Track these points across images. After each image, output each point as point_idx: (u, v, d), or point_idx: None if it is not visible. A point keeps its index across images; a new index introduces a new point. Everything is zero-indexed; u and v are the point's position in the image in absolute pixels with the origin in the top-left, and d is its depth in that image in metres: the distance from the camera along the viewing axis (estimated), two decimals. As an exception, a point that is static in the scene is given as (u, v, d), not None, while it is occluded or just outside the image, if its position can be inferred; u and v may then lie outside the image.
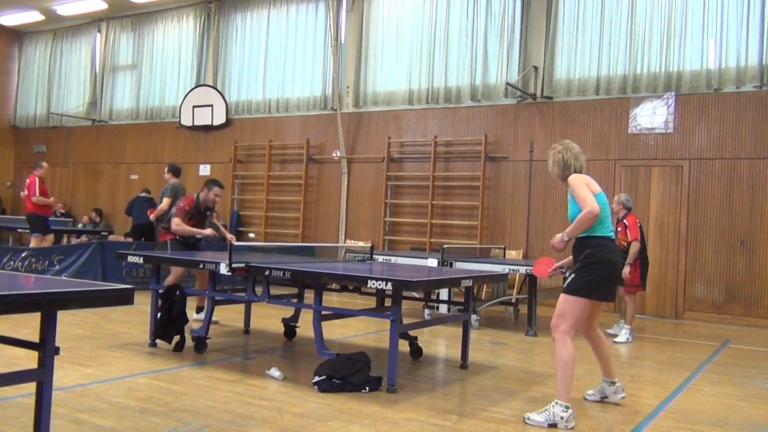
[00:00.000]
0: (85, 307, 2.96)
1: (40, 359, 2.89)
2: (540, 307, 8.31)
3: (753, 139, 9.94)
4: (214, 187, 7.50)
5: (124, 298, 2.94)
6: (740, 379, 6.12)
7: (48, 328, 2.86)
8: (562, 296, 4.44)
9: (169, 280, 7.15)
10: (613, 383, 4.90)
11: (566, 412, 4.25)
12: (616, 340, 7.88)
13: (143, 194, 14.42)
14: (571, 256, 4.69)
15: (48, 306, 2.75)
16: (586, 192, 4.37)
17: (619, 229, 7.92)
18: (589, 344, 4.90)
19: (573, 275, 4.45)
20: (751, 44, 9.88)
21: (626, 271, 7.68)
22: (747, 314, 9.82)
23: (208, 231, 7.41)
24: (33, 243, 10.93)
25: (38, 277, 4.24)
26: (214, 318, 7.27)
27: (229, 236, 7.83)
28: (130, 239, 12.66)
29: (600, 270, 4.37)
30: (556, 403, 4.28)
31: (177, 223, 7.28)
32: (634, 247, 7.74)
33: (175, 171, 9.76)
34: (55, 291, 2.80)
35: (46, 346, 2.85)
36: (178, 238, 7.47)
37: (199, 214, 7.50)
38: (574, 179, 4.48)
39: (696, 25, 10.30)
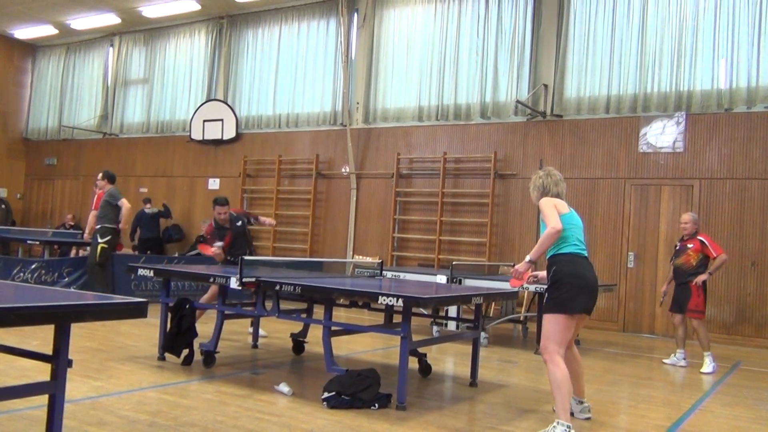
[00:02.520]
0: (100, 320, 2.97)
1: (53, 372, 2.89)
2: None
3: (764, 159, 9.91)
4: (215, 206, 7.84)
5: (138, 312, 2.95)
6: (752, 401, 6.06)
7: (62, 340, 2.87)
8: (545, 317, 4.55)
9: (205, 298, 7.43)
10: (581, 402, 4.94)
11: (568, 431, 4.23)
12: (703, 370, 7.41)
13: (148, 208, 14.45)
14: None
15: (63, 319, 2.76)
16: (552, 212, 4.55)
17: (690, 246, 7.73)
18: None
19: (546, 295, 4.62)
20: (762, 64, 9.88)
21: (700, 279, 7.56)
22: (758, 335, 9.74)
23: (212, 251, 7.68)
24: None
25: (51, 289, 4.25)
26: (262, 332, 7.58)
27: (269, 221, 8.44)
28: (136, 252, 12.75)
29: (568, 283, 4.47)
30: (558, 423, 4.27)
31: (203, 249, 7.90)
32: (721, 259, 7.61)
33: (110, 177, 9.86)
34: (70, 304, 2.81)
35: (59, 359, 2.86)
36: (228, 258, 7.71)
37: (227, 231, 7.74)
38: (543, 201, 4.69)
39: (707, 45, 10.32)
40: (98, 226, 9.47)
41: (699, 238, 7.78)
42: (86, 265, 9.76)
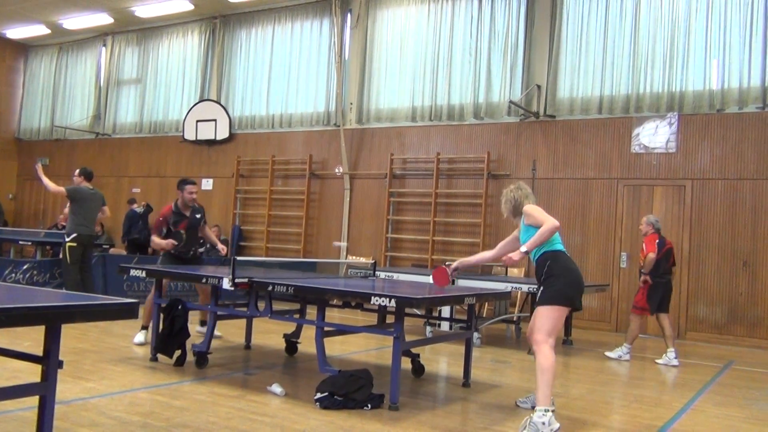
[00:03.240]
0: (90, 320, 2.96)
1: (44, 373, 2.88)
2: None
3: (755, 159, 9.96)
4: (185, 185, 7.24)
5: (128, 312, 2.94)
6: (744, 400, 6.09)
7: (52, 341, 2.86)
8: (537, 310, 4.71)
9: (201, 299, 7.32)
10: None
11: (545, 415, 4.32)
12: (607, 353, 8.06)
13: (137, 207, 14.36)
14: (462, 259, 5.39)
15: (53, 319, 2.75)
16: (543, 213, 4.79)
17: (643, 247, 8.07)
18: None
19: (542, 288, 4.75)
20: (754, 65, 9.93)
21: (641, 281, 7.92)
22: (750, 335, 9.79)
23: (165, 243, 7.09)
24: None
25: (42, 290, 4.24)
26: (217, 333, 7.28)
27: (221, 246, 7.71)
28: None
29: (564, 276, 4.68)
30: (536, 409, 4.40)
31: (153, 240, 7.24)
32: (648, 258, 7.82)
33: (87, 175, 9.59)
34: (60, 304, 2.80)
35: (49, 360, 2.85)
36: (172, 252, 7.22)
37: (185, 219, 7.23)
38: (529, 207, 4.87)
39: (699, 46, 10.36)
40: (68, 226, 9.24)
41: (646, 240, 8.02)
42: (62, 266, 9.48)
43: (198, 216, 7.40)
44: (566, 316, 4.88)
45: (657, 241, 7.91)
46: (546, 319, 4.61)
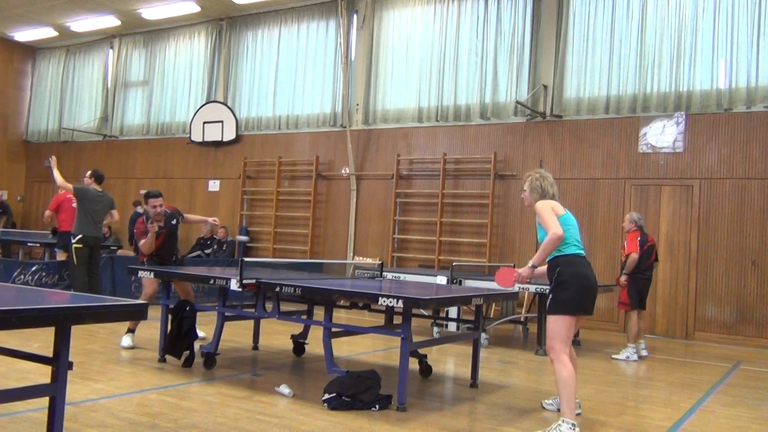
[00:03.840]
0: (100, 322, 2.97)
1: (54, 374, 2.89)
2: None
3: (763, 159, 9.91)
4: (148, 199, 6.97)
5: (138, 314, 2.96)
6: (753, 401, 6.06)
7: (62, 342, 2.87)
8: (548, 317, 4.61)
9: (143, 296, 6.98)
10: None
11: (573, 430, 4.27)
12: (615, 356, 8.05)
13: (139, 209, 14.40)
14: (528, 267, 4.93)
15: (63, 321, 2.76)
16: (551, 217, 4.59)
17: (624, 244, 8.22)
18: None
19: (551, 295, 4.63)
20: (762, 64, 9.88)
21: (622, 280, 8.04)
22: (759, 335, 9.74)
23: (149, 237, 6.86)
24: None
25: (52, 291, 4.26)
26: (201, 333, 7.18)
27: (212, 219, 7.65)
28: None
29: (573, 284, 4.53)
30: (563, 421, 4.32)
31: (141, 244, 6.96)
32: (630, 258, 7.93)
33: (98, 177, 9.58)
34: (70, 306, 2.81)
35: (60, 361, 2.86)
36: (154, 258, 7.06)
37: (161, 230, 6.99)
38: (541, 205, 4.71)
39: (706, 45, 10.32)
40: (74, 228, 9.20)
41: (628, 237, 8.15)
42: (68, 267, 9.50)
43: (173, 222, 7.17)
44: None
45: (639, 238, 8.02)
46: (558, 327, 4.51)
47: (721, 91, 10.16)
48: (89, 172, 9.68)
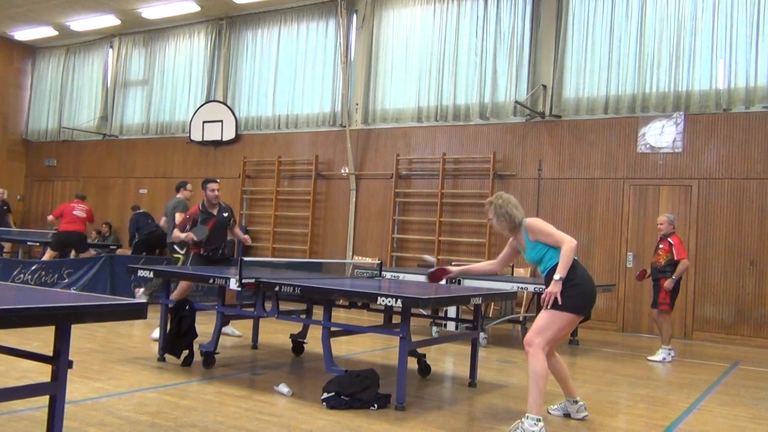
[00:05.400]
0: (100, 321, 2.98)
1: (54, 373, 2.91)
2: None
3: (762, 159, 9.93)
4: (207, 184, 7.57)
5: (137, 313, 2.97)
6: (751, 400, 6.08)
7: (62, 341, 2.89)
8: (543, 313, 4.52)
9: (174, 294, 7.14)
10: (576, 402, 4.93)
11: (537, 425, 4.25)
12: (650, 358, 7.96)
13: (140, 210, 14.39)
14: (463, 268, 5.38)
15: (63, 320, 2.78)
16: (553, 230, 4.65)
17: (660, 246, 8.09)
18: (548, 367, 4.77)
19: (559, 294, 4.54)
20: (761, 65, 9.90)
21: (668, 284, 7.92)
22: (757, 335, 9.76)
23: (183, 235, 7.31)
24: None
25: (52, 290, 4.27)
26: (237, 332, 7.37)
27: (244, 237, 8.04)
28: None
29: (579, 285, 4.52)
30: (528, 417, 4.30)
31: (174, 234, 7.41)
32: (683, 265, 7.89)
33: (176, 187, 9.72)
34: (70, 305, 2.82)
35: (59, 360, 2.88)
36: (201, 252, 7.44)
37: (212, 217, 7.48)
38: (534, 222, 4.73)
39: (705, 46, 10.34)
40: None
41: (669, 239, 8.03)
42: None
43: (225, 215, 7.63)
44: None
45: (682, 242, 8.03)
46: (553, 325, 4.46)
47: (719, 91, 10.18)
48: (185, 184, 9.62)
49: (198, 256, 7.43)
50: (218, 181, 7.61)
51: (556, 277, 4.48)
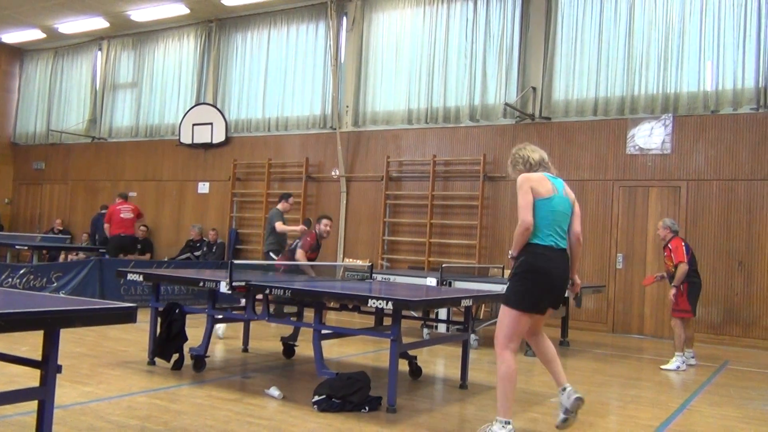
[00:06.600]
0: (89, 325, 2.97)
1: (42, 377, 2.89)
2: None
3: (750, 160, 10.01)
4: (322, 219, 8.38)
5: (127, 317, 2.95)
6: (740, 400, 6.12)
7: (51, 346, 2.87)
8: (501, 307, 4.30)
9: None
10: (564, 389, 4.37)
11: (504, 428, 4.10)
12: (664, 367, 7.59)
13: (104, 211, 14.34)
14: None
15: (52, 324, 2.76)
16: (523, 199, 4.22)
17: (665, 254, 7.86)
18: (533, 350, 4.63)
19: (507, 285, 4.35)
20: (748, 67, 9.98)
21: (671, 294, 7.63)
22: (745, 335, 9.82)
23: (304, 265, 8.15)
24: None
25: (40, 295, 4.24)
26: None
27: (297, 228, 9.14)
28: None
29: (526, 278, 4.19)
30: (496, 420, 4.16)
31: (299, 255, 8.07)
32: (680, 270, 7.54)
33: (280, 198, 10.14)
34: (59, 309, 2.81)
35: (48, 365, 2.86)
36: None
37: (318, 247, 8.35)
38: (519, 182, 4.30)
39: (693, 48, 10.41)
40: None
41: (669, 245, 7.78)
42: None
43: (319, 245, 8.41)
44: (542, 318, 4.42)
45: (684, 244, 7.71)
46: (507, 321, 4.21)
47: (707, 93, 10.25)
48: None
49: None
50: (331, 218, 8.64)
51: (509, 253, 4.30)
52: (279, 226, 9.45)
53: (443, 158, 12.38)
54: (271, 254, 9.38)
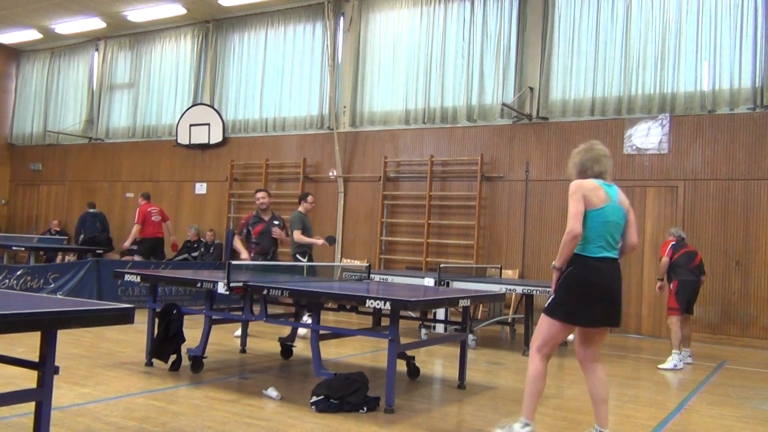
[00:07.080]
0: (86, 326, 2.96)
1: (40, 379, 2.88)
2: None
3: (747, 160, 10.02)
4: (257, 192, 8.58)
5: (124, 318, 2.94)
6: (737, 400, 6.12)
7: (48, 347, 2.86)
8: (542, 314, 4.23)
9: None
10: None
11: (523, 429, 4.13)
12: (661, 366, 7.66)
13: (92, 210, 14.28)
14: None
15: (49, 325, 2.75)
16: (574, 208, 4.04)
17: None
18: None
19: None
20: (744, 66, 9.99)
21: (656, 287, 8.25)
22: (743, 335, 9.84)
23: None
24: None
25: (38, 296, 4.23)
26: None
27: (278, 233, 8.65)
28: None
29: (572, 290, 4.06)
30: (519, 420, 4.20)
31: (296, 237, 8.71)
32: (660, 264, 8.16)
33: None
34: (56, 310, 2.80)
35: (45, 366, 2.85)
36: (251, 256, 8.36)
37: (261, 223, 8.53)
38: (572, 188, 4.13)
39: (690, 48, 10.43)
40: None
41: (662, 245, 8.35)
42: None
43: (276, 222, 8.51)
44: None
45: (672, 244, 8.14)
46: (543, 327, 4.16)
47: (704, 93, 10.26)
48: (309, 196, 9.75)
49: (255, 256, 8.32)
50: (265, 191, 8.70)
51: (553, 264, 4.14)
52: (297, 236, 8.94)
53: (440, 158, 12.38)
54: (298, 256, 9.00)
